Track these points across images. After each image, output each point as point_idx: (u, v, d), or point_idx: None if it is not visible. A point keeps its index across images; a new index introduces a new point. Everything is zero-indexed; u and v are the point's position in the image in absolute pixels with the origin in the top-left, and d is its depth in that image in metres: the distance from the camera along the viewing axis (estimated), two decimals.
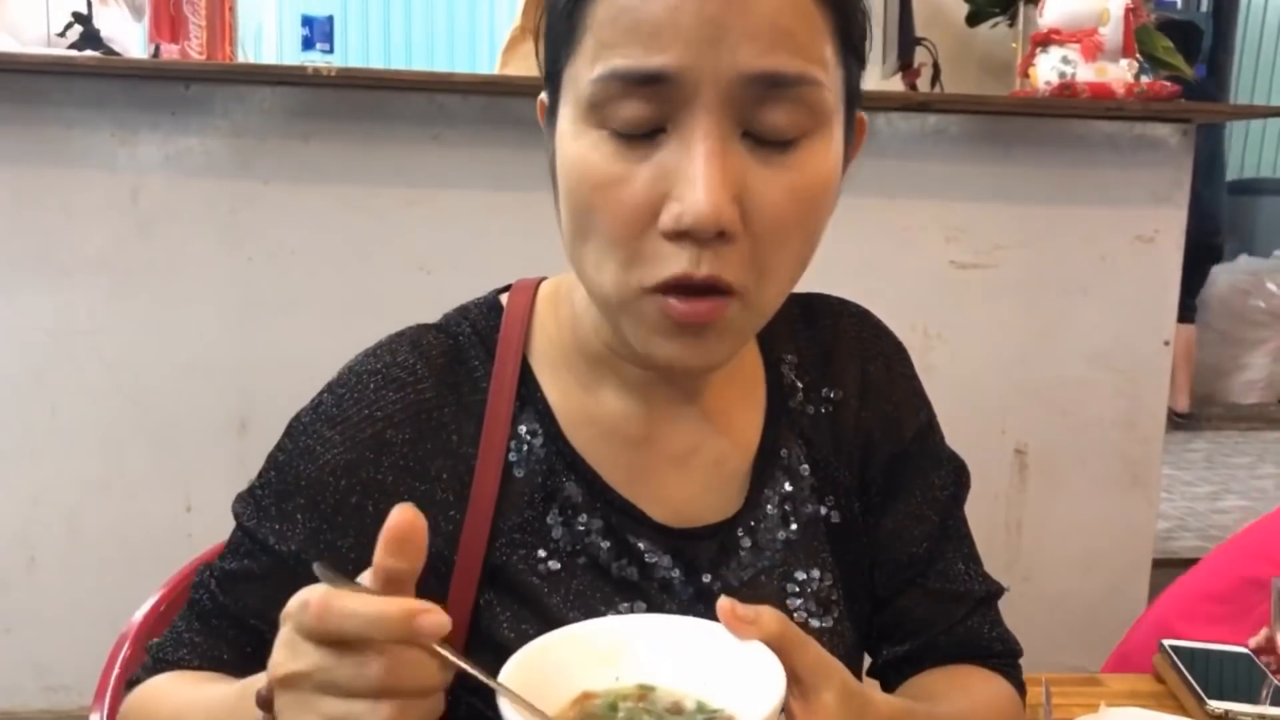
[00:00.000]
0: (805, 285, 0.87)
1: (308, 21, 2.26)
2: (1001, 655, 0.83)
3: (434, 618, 0.48)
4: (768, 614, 0.56)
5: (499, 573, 0.71)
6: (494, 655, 0.71)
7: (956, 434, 0.97)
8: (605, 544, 0.72)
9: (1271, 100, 6.74)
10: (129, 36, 2.98)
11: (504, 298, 0.77)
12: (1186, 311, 5.21)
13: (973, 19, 2.43)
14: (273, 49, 4.77)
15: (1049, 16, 2.13)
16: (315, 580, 0.58)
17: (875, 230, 2.13)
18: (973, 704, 0.77)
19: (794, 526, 0.77)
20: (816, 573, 0.76)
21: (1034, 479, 2.23)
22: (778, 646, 0.55)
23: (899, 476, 0.82)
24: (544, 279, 0.78)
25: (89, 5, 2.48)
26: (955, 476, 0.85)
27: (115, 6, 2.89)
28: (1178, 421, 5.28)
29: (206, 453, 2.05)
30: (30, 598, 2.06)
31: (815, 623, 0.74)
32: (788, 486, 0.77)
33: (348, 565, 0.66)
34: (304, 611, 0.49)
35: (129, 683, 0.74)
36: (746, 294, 0.62)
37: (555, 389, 0.74)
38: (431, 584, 0.65)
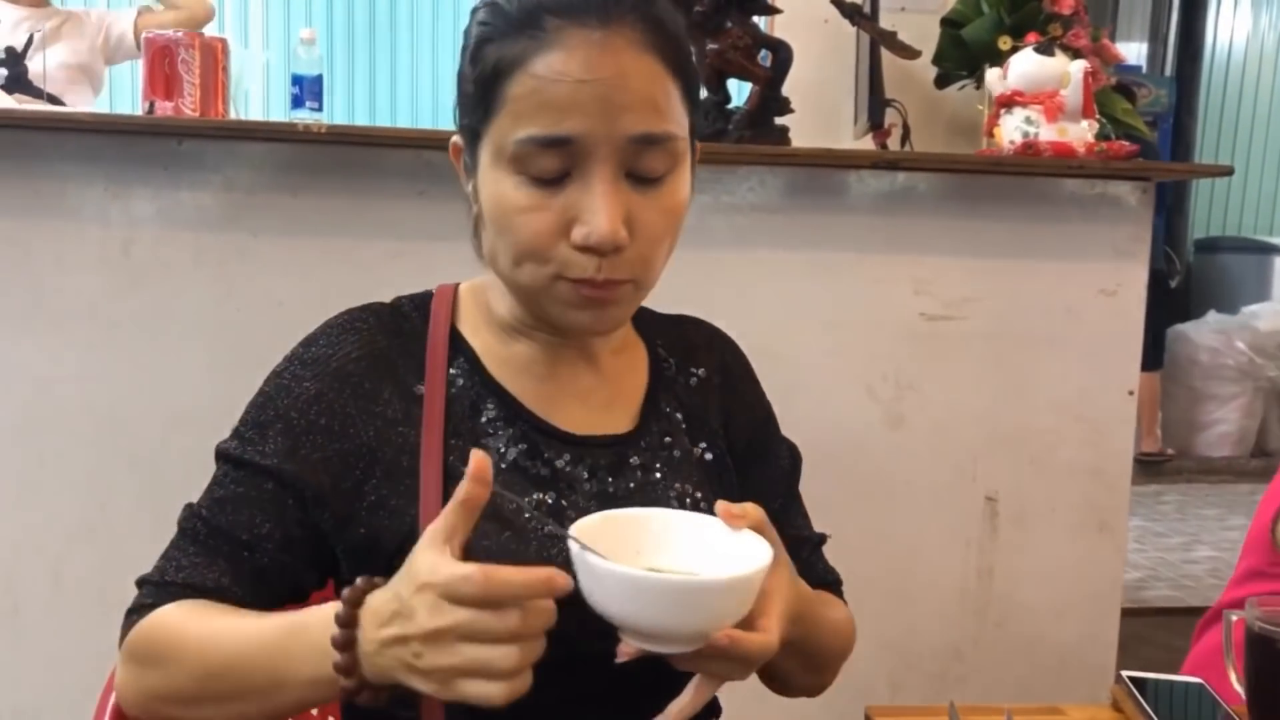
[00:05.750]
0: (792, 333, 0.97)
1: (298, 80, 2.32)
2: (833, 585, 1.08)
3: (564, 578, 0.66)
4: (751, 507, 0.80)
5: (451, 476, 0.88)
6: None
7: (928, 481, 1.01)
8: (522, 447, 0.93)
9: (1235, 160, 6.91)
10: (80, 83, 2.92)
11: (432, 290, 1.01)
12: (1152, 361, 5.32)
13: (940, 81, 2.52)
14: (260, 107, 4.85)
15: (1012, 79, 2.22)
16: (292, 492, 0.88)
17: (847, 284, 2.18)
18: (841, 615, 1.03)
19: (676, 454, 0.98)
20: (690, 488, 0.97)
21: (1004, 526, 2.27)
22: (759, 531, 0.78)
23: (754, 449, 1.06)
24: (459, 283, 1.03)
25: (28, 42, 2.35)
26: (792, 453, 1.10)
27: (64, 49, 2.83)
28: (1145, 462, 5.38)
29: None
30: (13, 646, 2.07)
31: None
32: (668, 425, 1.00)
33: (317, 471, 0.89)
34: (466, 583, 0.65)
35: (129, 613, 0.87)
36: (636, 279, 0.88)
37: (478, 342, 0.97)
38: (404, 489, 0.89)
